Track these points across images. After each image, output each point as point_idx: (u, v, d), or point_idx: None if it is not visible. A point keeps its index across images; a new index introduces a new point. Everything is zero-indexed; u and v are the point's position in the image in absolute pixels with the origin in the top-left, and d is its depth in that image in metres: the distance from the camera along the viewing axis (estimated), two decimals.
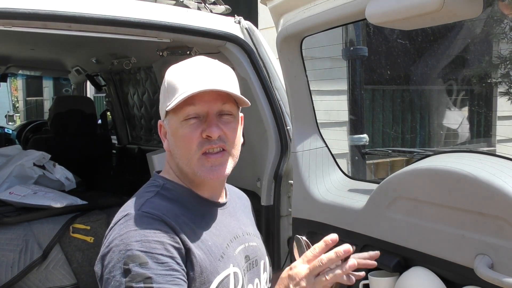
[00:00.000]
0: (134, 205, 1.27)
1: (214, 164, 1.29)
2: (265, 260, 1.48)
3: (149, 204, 1.26)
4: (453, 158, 1.68)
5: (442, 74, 6.61)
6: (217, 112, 1.30)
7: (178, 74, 1.32)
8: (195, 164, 1.29)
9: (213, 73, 1.31)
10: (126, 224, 1.21)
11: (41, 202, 3.01)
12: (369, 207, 1.88)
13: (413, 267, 1.70)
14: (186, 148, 1.29)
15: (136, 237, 1.18)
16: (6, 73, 5.55)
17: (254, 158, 2.82)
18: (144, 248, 1.16)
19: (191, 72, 1.30)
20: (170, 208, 1.27)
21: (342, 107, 4.64)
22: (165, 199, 1.30)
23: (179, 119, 1.29)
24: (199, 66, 1.32)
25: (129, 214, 1.24)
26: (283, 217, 2.63)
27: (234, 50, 2.57)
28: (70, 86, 6.03)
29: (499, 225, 1.42)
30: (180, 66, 1.34)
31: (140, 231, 1.19)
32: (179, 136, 1.29)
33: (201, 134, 1.28)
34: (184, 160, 1.30)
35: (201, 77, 1.28)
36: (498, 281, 1.39)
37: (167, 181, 1.36)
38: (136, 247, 1.16)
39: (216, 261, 1.27)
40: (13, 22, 2.08)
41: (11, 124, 7.57)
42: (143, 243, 1.17)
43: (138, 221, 1.21)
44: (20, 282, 2.85)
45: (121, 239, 1.19)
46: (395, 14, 1.59)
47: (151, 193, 1.31)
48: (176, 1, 2.62)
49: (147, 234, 1.18)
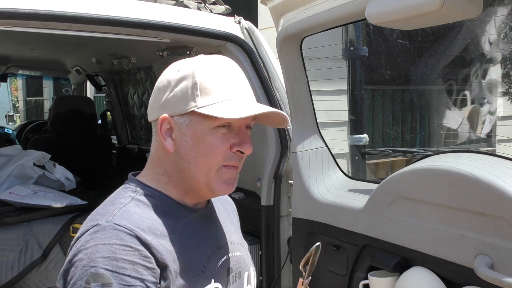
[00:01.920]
0: (105, 214, 1.13)
1: (230, 177, 1.21)
2: (249, 271, 1.36)
3: (122, 214, 1.12)
4: (453, 158, 1.69)
5: (442, 74, 6.61)
6: (246, 126, 1.22)
7: (214, 74, 1.19)
8: (213, 175, 1.19)
9: (248, 83, 1.24)
10: (94, 236, 1.08)
11: (41, 202, 3.01)
12: (369, 207, 1.88)
13: (413, 267, 1.70)
14: (210, 158, 1.17)
15: (103, 253, 1.05)
16: (6, 73, 5.55)
17: (254, 158, 2.82)
18: (111, 266, 1.03)
19: (229, 77, 1.20)
20: (147, 218, 1.14)
21: (342, 107, 4.64)
22: (141, 206, 1.17)
23: (209, 125, 1.16)
24: (235, 72, 1.22)
25: (98, 224, 1.10)
26: (283, 217, 2.63)
27: (234, 50, 2.58)
28: (70, 86, 6.04)
29: (499, 225, 1.42)
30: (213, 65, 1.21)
31: (108, 246, 1.05)
32: (205, 144, 1.17)
33: (231, 148, 1.18)
34: (202, 169, 1.18)
35: (243, 87, 1.21)
36: (498, 281, 1.39)
37: (144, 186, 1.22)
38: (102, 264, 1.03)
39: (196, 277, 1.15)
40: (13, 22, 2.08)
41: (11, 124, 7.56)
42: (110, 261, 1.04)
43: (107, 234, 1.07)
44: (20, 282, 2.86)
45: (86, 253, 1.06)
46: (395, 14, 1.59)
47: (125, 199, 1.17)
48: (176, 1, 2.62)
49: (116, 251, 1.05)
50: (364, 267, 1.93)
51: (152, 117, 1.24)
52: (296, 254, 2.34)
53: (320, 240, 2.18)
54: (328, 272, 2.15)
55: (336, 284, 2.09)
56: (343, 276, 2.04)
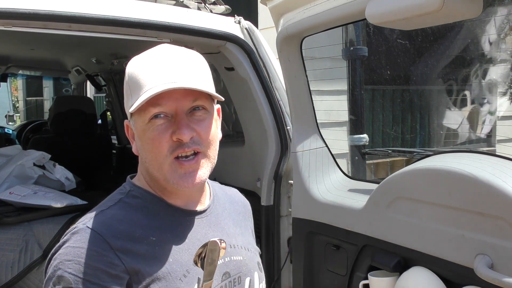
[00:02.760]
0: (87, 217, 1.14)
1: (187, 171, 1.14)
2: (253, 276, 1.29)
3: (99, 217, 1.12)
4: (453, 158, 1.68)
5: (442, 74, 6.61)
6: (188, 110, 1.13)
7: (140, 67, 1.14)
8: (167, 170, 1.14)
9: (180, 65, 1.13)
10: (70, 238, 1.10)
11: (41, 202, 3.01)
12: (369, 207, 1.88)
13: (413, 267, 1.70)
14: (155, 152, 1.13)
15: (70, 256, 1.07)
16: (6, 73, 5.55)
17: (254, 158, 2.82)
18: (73, 270, 1.05)
19: (154, 64, 1.13)
20: (127, 221, 1.13)
21: (342, 107, 4.64)
22: (126, 208, 1.16)
23: (144, 120, 1.13)
24: (163, 57, 1.14)
25: (76, 227, 1.12)
26: (283, 217, 2.63)
27: (234, 50, 2.57)
28: (70, 86, 6.04)
29: (499, 225, 1.42)
30: (142, 58, 1.16)
31: (75, 250, 1.07)
32: (146, 139, 1.14)
33: (171, 137, 1.12)
34: (154, 165, 1.15)
35: (167, 70, 1.11)
36: (498, 281, 1.39)
37: (135, 187, 1.21)
38: (67, 267, 1.05)
39: (176, 281, 1.12)
40: (13, 22, 2.08)
41: (11, 124, 7.57)
42: (74, 265, 1.05)
43: (79, 237, 1.09)
44: (20, 282, 2.86)
45: (59, 253, 1.09)
46: (395, 14, 1.59)
47: (112, 201, 1.18)
48: (176, 1, 2.62)
49: (81, 255, 1.06)
50: (364, 267, 1.93)
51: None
52: (296, 254, 2.34)
53: (320, 240, 2.18)
54: (328, 272, 2.15)
55: (336, 284, 2.09)
56: (343, 276, 2.04)
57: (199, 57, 1.19)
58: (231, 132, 3.39)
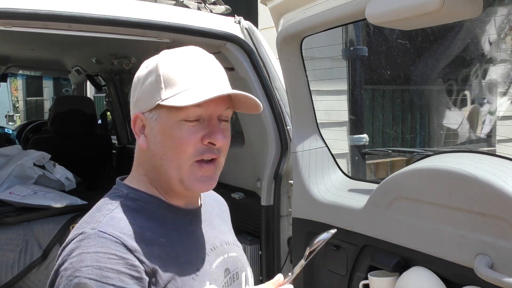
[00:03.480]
0: (91, 221, 1.10)
1: (205, 175, 1.15)
2: (247, 271, 1.32)
3: (108, 221, 1.10)
4: (453, 158, 1.69)
5: (442, 74, 6.60)
6: (218, 117, 1.17)
7: (178, 65, 1.15)
8: (185, 171, 1.14)
9: (217, 71, 1.18)
10: (79, 244, 1.06)
11: (41, 202, 3.01)
12: (369, 207, 1.88)
13: (413, 267, 1.70)
14: (180, 152, 1.13)
15: (87, 262, 1.02)
16: (6, 73, 5.55)
17: (254, 158, 2.82)
18: (95, 275, 1.01)
19: (194, 66, 1.15)
20: (135, 223, 1.11)
21: (342, 107, 4.64)
22: (129, 211, 1.14)
23: (177, 117, 1.12)
24: (201, 59, 1.17)
25: (84, 232, 1.07)
26: (283, 217, 2.63)
27: (234, 50, 2.58)
28: (70, 86, 6.04)
29: (499, 225, 1.42)
30: (179, 54, 1.17)
31: (93, 255, 1.03)
32: (173, 137, 1.13)
33: (202, 140, 1.13)
34: (172, 164, 1.14)
35: (209, 75, 1.15)
36: (498, 281, 1.39)
37: (131, 189, 1.19)
38: (86, 273, 1.01)
39: (190, 280, 1.12)
40: (13, 22, 2.08)
41: (11, 124, 7.56)
42: (94, 270, 1.01)
43: (92, 242, 1.05)
44: (20, 282, 2.86)
45: (70, 262, 1.04)
46: (395, 14, 1.59)
47: (112, 205, 1.15)
48: (176, 1, 2.62)
49: (100, 260, 1.02)
50: (364, 267, 1.93)
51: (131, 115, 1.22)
52: (296, 254, 2.34)
53: None
54: (328, 272, 2.15)
55: (336, 284, 2.09)
56: (343, 276, 2.04)
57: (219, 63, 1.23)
58: (231, 132, 3.38)
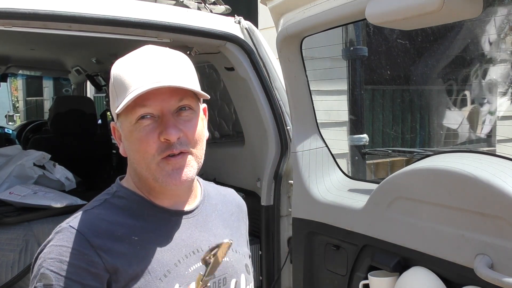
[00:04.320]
0: (72, 216, 1.18)
1: (175, 167, 1.14)
2: (239, 278, 1.28)
3: (83, 217, 1.15)
4: (453, 158, 1.68)
5: (442, 74, 6.60)
6: (174, 110, 1.14)
7: (124, 68, 1.14)
8: (155, 169, 1.15)
9: (164, 64, 1.13)
10: (53, 237, 1.14)
11: (41, 202, 3.00)
12: (369, 207, 1.88)
13: (413, 267, 1.70)
14: (143, 152, 1.14)
15: (52, 254, 1.10)
16: (6, 73, 5.55)
17: (254, 158, 2.82)
18: (55, 268, 1.09)
19: (138, 65, 1.13)
20: (110, 220, 1.15)
21: (342, 107, 4.64)
22: (111, 208, 1.19)
23: (131, 121, 1.13)
24: (147, 58, 1.14)
25: (60, 226, 1.16)
26: (283, 217, 2.63)
27: (234, 50, 2.58)
28: (70, 86, 6.03)
29: (499, 225, 1.42)
30: (126, 59, 1.17)
31: (58, 248, 1.11)
32: (133, 140, 1.14)
33: (159, 137, 1.12)
34: (142, 165, 1.16)
35: (151, 70, 1.11)
36: (498, 281, 1.39)
37: (121, 188, 1.23)
38: (49, 265, 1.09)
39: (156, 281, 1.13)
40: (13, 22, 2.08)
41: (11, 124, 7.56)
42: (56, 262, 1.09)
43: (61, 236, 1.12)
44: (20, 282, 2.85)
45: (43, 252, 1.13)
46: (395, 14, 1.59)
47: (98, 201, 1.21)
48: (176, 1, 2.62)
49: (63, 253, 1.09)
50: (364, 267, 1.93)
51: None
52: (296, 254, 2.34)
53: (320, 240, 2.18)
54: (328, 272, 2.15)
55: (336, 284, 2.09)
56: (343, 276, 2.04)
57: (183, 57, 1.20)
58: (231, 132, 3.39)
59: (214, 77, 3.18)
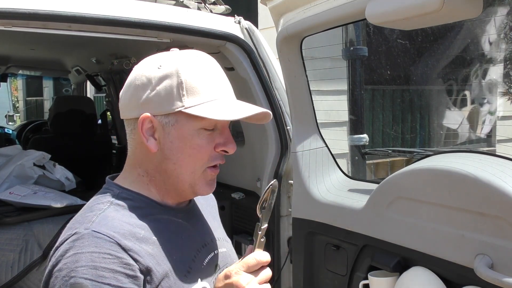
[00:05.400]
0: (84, 221, 1.11)
1: (212, 178, 1.22)
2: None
3: (101, 221, 1.10)
4: (453, 158, 1.68)
5: (442, 74, 6.61)
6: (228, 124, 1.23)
7: (199, 73, 1.16)
8: (199, 176, 1.18)
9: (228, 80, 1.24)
10: (73, 245, 1.06)
11: (41, 202, 3.00)
12: (369, 207, 1.88)
13: (413, 267, 1.70)
14: (198, 159, 1.16)
15: (82, 262, 1.03)
16: (6, 73, 5.55)
17: (254, 158, 2.82)
18: (91, 275, 1.01)
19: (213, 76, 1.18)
20: (127, 222, 1.12)
21: (342, 107, 4.64)
22: (120, 210, 1.14)
23: (196, 125, 1.15)
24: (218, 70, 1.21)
25: (77, 233, 1.08)
26: (283, 217, 2.63)
27: (234, 50, 2.58)
28: (70, 86, 6.04)
29: (499, 225, 1.42)
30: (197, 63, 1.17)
31: (87, 255, 1.03)
32: (193, 145, 1.15)
33: (215, 148, 1.18)
34: (187, 170, 1.17)
35: (227, 85, 1.22)
36: (498, 281, 1.38)
37: (123, 189, 1.19)
38: (81, 273, 1.01)
39: (182, 277, 1.14)
40: (13, 22, 2.08)
41: (11, 124, 7.56)
42: (90, 270, 1.02)
43: (86, 242, 1.05)
44: (20, 282, 2.85)
45: (65, 263, 1.04)
46: (395, 14, 1.59)
47: (104, 204, 1.15)
48: (176, 1, 2.62)
49: (95, 259, 1.03)
50: (364, 267, 1.93)
51: (128, 115, 1.19)
52: (296, 254, 2.34)
53: (320, 240, 2.18)
54: (328, 272, 2.15)
55: (336, 284, 2.09)
56: (343, 276, 2.04)
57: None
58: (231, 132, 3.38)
59: None
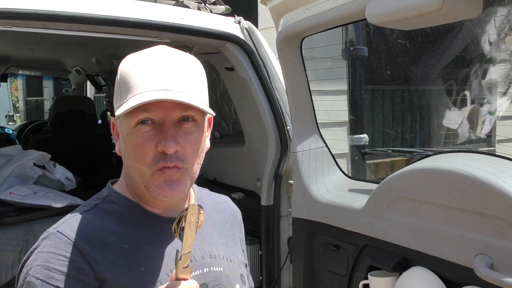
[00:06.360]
0: (60, 221, 1.11)
1: (167, 180, 1.08)
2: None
3: (71, 222, 1.09)
4: (453, 158, 1.68)
5: (442, 74, 6.60)
6: (176, 120, 1.08)
7: (133, 68, 1.08)
8: (148, 178, 1.09)
9: (175, 71, 1.07)
10: (40, 243, 1.08)
11: (41, 202, 3.01)
12: (369, 207, 1.88)
13: (413, 267, 1.70)
14: (139, 159, 1.08)
15: (39, 261, 1.04)
16: (6, 73, 5.55)
17: (254, 158, 2.82)
18: (42, 275, 1.02)
19: (148, 66, 1.07)
20: (99, 227, 1.09)
21: (342, 107, 4.64)
22: (101, 213, 1.12)
23: (130, 124, 1.07)
24: (158, 60, 1.08)
25: (48, 231, 1.09)
26: (283, 217, 2.63)
27: (234, 50, 2.58)
28: (70, 86, 6.04)
29: (499, 225, 1.42)
30: (136, 58, 1.10)
31: (45, 254, 1.04)
32: (131, 144, 1.08)
33: (157, 146, 1.06)
34: (136, 171, 1.10)
35: (160, 76, 1.05)
36: (498, 281, 1.39)
37: (112, 192, 1.18)
38: (35, 272, 1.03)
39: None
40: (13, 22, 2.08)
41: (11, 124, 7.56)
42: (43, 270, 1.03)
43: (48, 242, 1.06)
44: None
45: (29, 260, 1.07)
46: (395, 14, 1.59)
47: (87, 206, 1.15)
48: (176, 1, 2.62)
49: (50, 260, 1.03)
50: (364, 267, 1.93)
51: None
52: (296, 254, 2.34)
53: (320, 240, 2.18)
54: (328, 272, 2.15)
55: (336, 284, 2.09)
56: (343, 276, 2.04)
57: (195, 63, 1.13)
58: (231, 132, 3.39)
59: (214, 77, 3.18)
